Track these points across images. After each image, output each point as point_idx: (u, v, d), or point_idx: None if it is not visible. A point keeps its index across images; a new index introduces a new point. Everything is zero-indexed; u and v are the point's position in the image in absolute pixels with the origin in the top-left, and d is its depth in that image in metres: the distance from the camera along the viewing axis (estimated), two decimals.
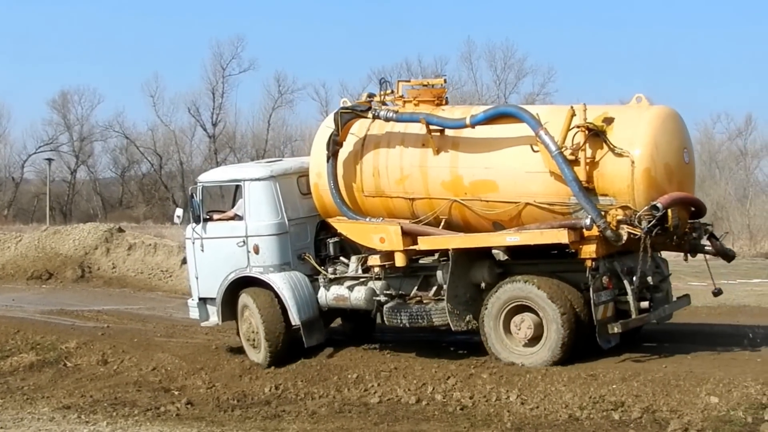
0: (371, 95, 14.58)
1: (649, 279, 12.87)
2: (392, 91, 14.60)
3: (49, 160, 70.27)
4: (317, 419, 12.39)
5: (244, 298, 14.83)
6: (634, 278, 12.55)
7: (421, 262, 14.09)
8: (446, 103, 14.42)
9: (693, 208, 13.10)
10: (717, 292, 13.78)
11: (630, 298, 12.54)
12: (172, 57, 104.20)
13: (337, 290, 14.54)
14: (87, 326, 19.25)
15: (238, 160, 76.79)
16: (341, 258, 14.90)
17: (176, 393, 14.31)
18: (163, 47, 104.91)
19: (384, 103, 14.34)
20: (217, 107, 78.44)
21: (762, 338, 13.76)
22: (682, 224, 12.72)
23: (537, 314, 12.73)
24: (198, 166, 78.85)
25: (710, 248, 13.48)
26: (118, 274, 28.92)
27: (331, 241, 14.88)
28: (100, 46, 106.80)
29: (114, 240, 30.37)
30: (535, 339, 12.79)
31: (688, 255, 13.52)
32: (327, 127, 14.55)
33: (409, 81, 15.09)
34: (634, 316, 12.56)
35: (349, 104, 14.44)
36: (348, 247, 14.87)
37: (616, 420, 11.11)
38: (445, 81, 14.76)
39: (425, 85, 14.56)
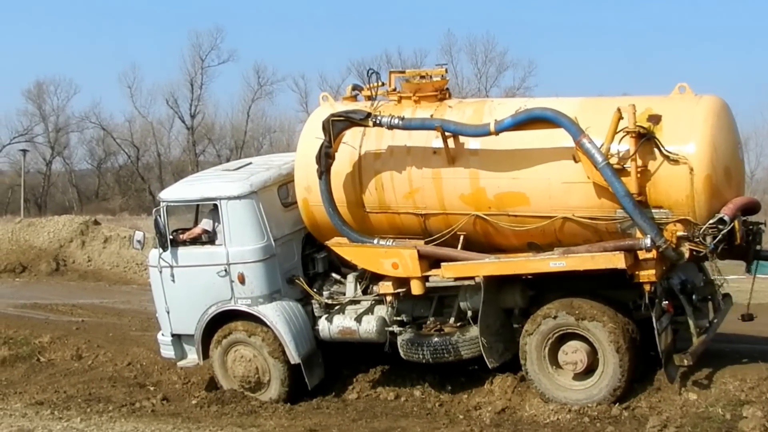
0: (357, 87, 13.08)
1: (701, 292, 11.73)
2: (383, 84, 12.73)
3: (24, 151, 69.83)
4: (294, 415, 12.27)
5: (237, 335, 13.03)
6: (693, 296, 11.42)
7: (431, 281, 12.23)
8: (450, 96, 12.56)
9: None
10: (747, 318, 12.03)
11: (690, 319, 11.28)
12: (150, 47, 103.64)
13: (341, 321, 12.74)
14: (61, 320, 19.09)
15: (216, 152, 76.70)
16: (333, 275, 13.24)
17: (152, 388, 14.21)
18: (141, 37, 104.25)
19: (371, 98, 12.64)
20: (196, 99, 77.90)
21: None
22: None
23: (588, 342, 11.32)
24: (176, 158, 78.98)
25: None
26: (94, 268, 28.72)
27: (319, 256, 13.23)
28: (76, 35, 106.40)
29: (89, 233, 30.16)
30: (587, 371, 11.40)
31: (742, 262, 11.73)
32: (311, 134, 12.59)
33: (403, 72, 12.80)
34: (695, 339, 11.25)
35: (341, 108, 12.39)
36: (338, 262, 13.24)
37: (595, 416, 11.04)
38: (446, 71, 12.60)
39: (423, 77, 12.43)
